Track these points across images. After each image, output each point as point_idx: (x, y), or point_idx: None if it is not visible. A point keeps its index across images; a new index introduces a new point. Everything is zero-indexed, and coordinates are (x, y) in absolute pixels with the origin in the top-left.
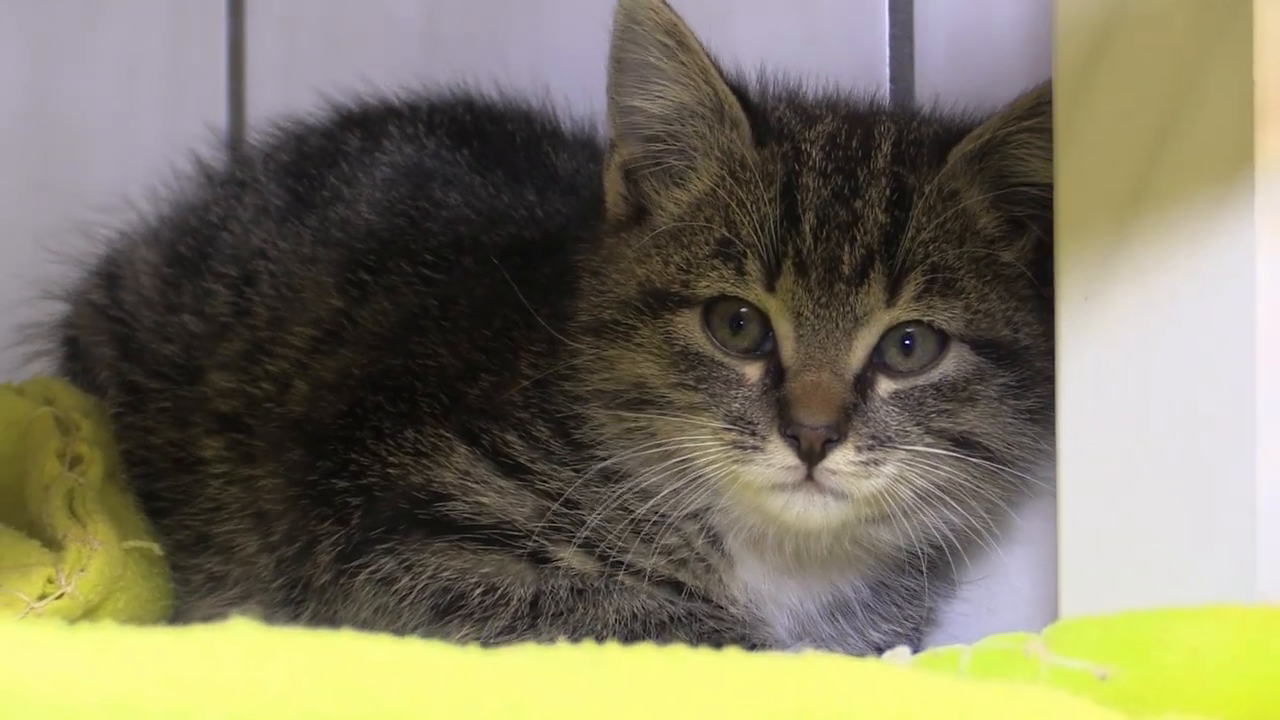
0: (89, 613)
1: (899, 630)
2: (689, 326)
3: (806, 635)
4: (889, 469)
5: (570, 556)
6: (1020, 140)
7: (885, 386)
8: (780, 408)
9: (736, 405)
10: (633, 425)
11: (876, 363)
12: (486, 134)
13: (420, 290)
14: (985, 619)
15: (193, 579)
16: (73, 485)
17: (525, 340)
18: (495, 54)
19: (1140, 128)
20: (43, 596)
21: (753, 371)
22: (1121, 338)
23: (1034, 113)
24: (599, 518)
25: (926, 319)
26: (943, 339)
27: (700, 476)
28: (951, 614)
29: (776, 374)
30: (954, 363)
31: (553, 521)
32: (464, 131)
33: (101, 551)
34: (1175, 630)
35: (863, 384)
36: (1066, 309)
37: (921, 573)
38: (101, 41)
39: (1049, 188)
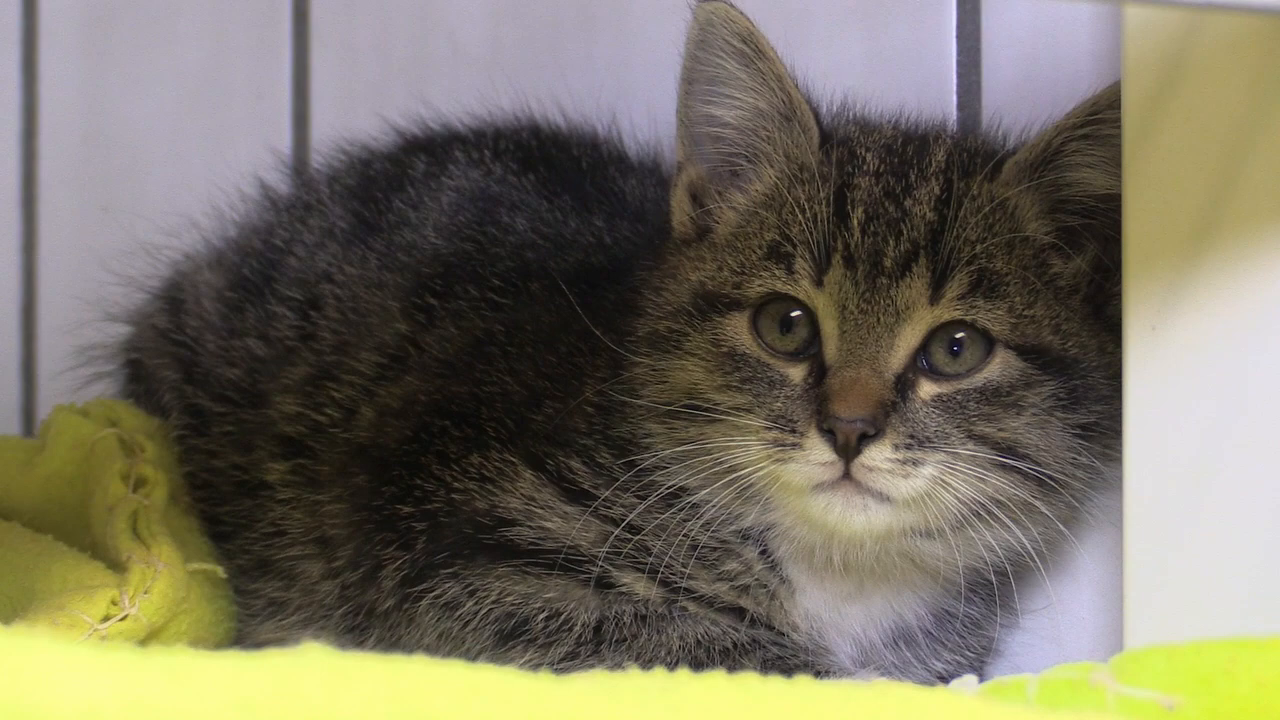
0: (152, 635)
1: (961, 660)
2: (737, 328)
3: (870, 663)
4: (928, 470)
5: (633, 582)
6: (1075, 149)
7: (927, 389)
8: (819, 403)
9: (779, 405)
10: (683, 435)
11: (921, 366)
12: (552, 160)
13: (487, 315)
14: (1049, 649)
15: (253, 604)
16: (137, 507)
17: (590, 366)
18: (559, 78)
19: (1209, 158)
20: (106, 618)
21: (796, 372)
22: (1189, 368)
23: (1089, 121)
24: (660, 543)
25: (970, 319)
26: (989, 343)
27: (745, 481)
28: (1014, 643)
29: (819, 373)
30: (999, 367)
31: (616, 547)
32: (530, 157)
33: (165, 573)
34: (1242, 660)
35: (903, 384)
36: (1134, 338)
37: (983, 600)
38: (165, 64)
39: (1106, 198)
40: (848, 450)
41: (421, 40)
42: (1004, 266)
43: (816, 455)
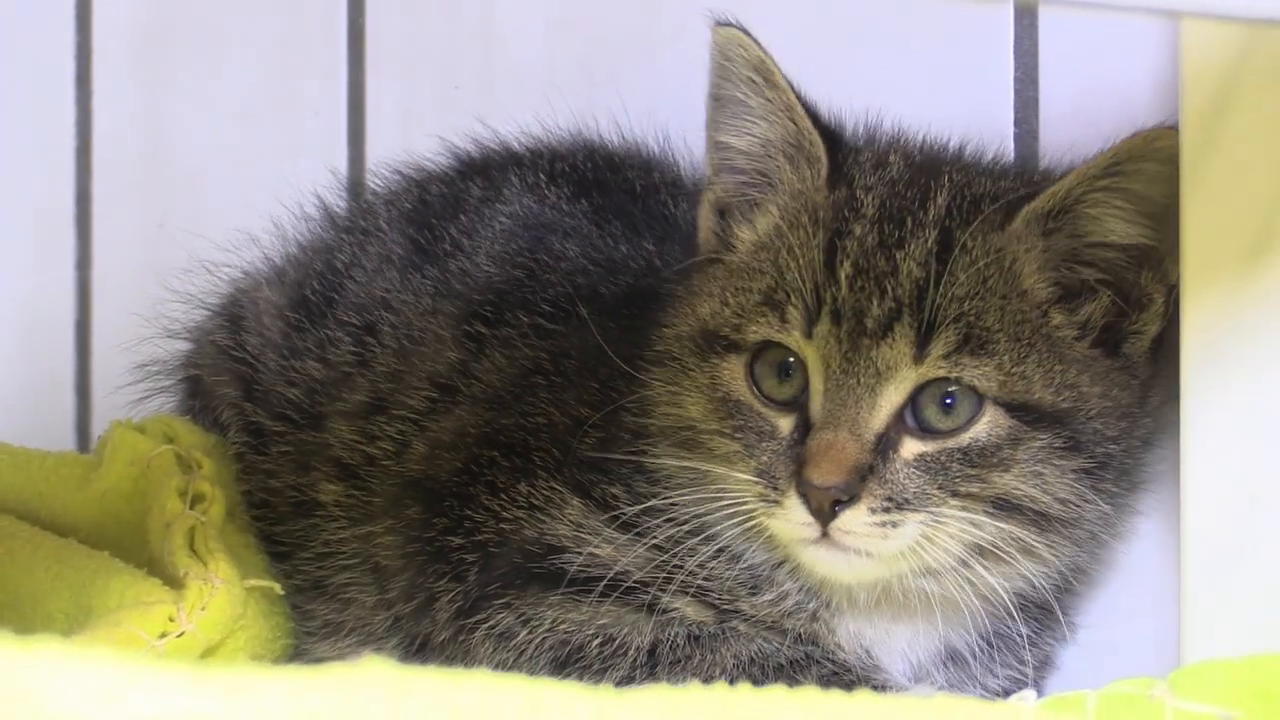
0: (209, 651)
1: (1016, 677)
2: (734, 373)
3: (923, 681)
4: (908, 530)
5: (684, 606)
6: (1094, 200)
7: (910, 448)
8: (798, 464)
9: (765, 458)
10: (688, 463)
11: (907, 423)
12: (606, 184)
13: (534, 343)
14: (1105, 663)
15: (309, 624)
16: (194, 523)
17: (629, 393)
18: (616, 97)
19: (1268, 173)
20: (163, 635)
21: (785, 424)
22: (1247, 383)
23: (1109, 172)
24: (700, 568)
25: (955, 375)
26: (979, 401)
27: (743, 524)
28: (1072, 659)
29: (804, 428)
30: (985, 428)
31: (664, 572)
32: (584, 181)
33: (223, 590)
34: None
35: (886, 444)
36: (1190, 354)
37: (1034, 620)
38: (222, 81)
39: (1126, 249)
40: (822, 514)
41: (477, 58)
42: (995, 322)
43: (795, 516)
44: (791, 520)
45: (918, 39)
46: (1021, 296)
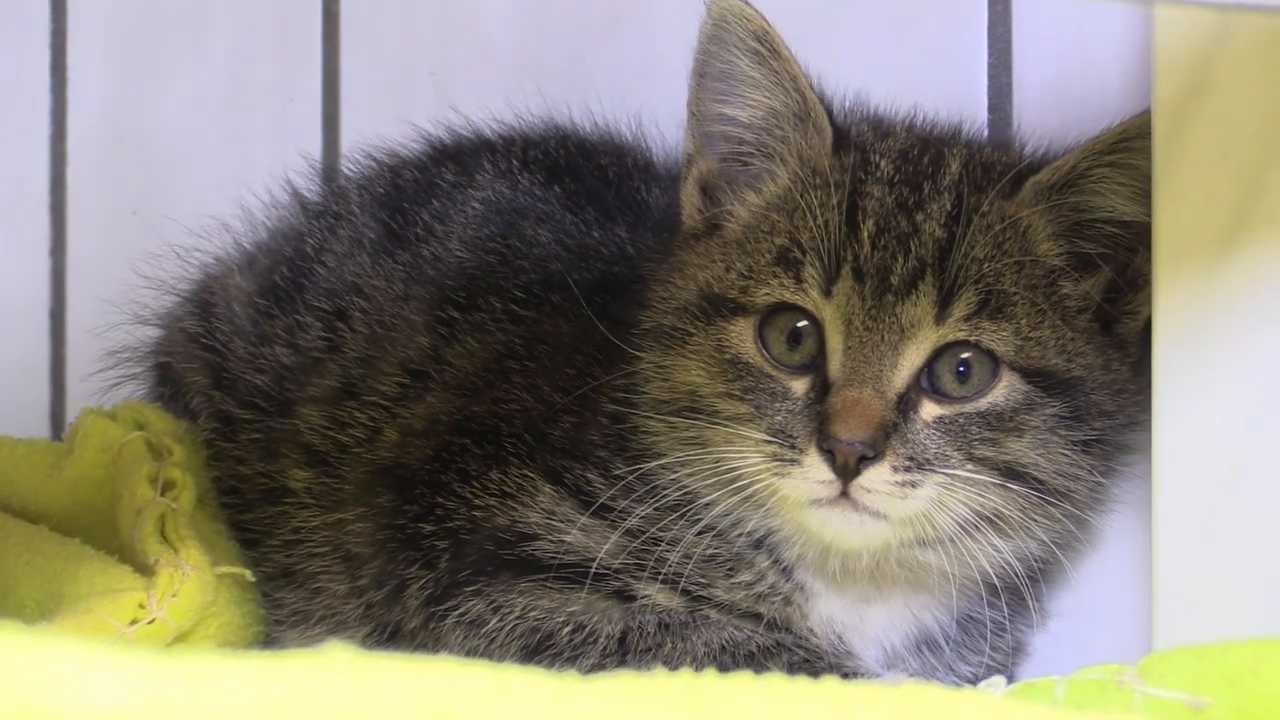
0: (180, 639)
1: (989, 663)
2: (742, 335)
3: (895, 667)
4: (926, 491)
5: (655, 593)
6: (1100, 175)
7: (929, 410)
8: (820, 422)
9: (780, 418)
10: (685, 435)
11: (924, 386)
12: (578, 170)
13: (507, 329)
14: (1077, 650)
15: (278, 612)
16: (165, 510)
17: (604, 376)
18: (588, 82)
19: (1239, 160)
20: (134, 622)
21: (799, 386)
22: (1218, 370)
23: (1117, 148)
24: (676, 553)
25: (974, 339)
26: (995, 366)
27: (746, 489)
28: (1042, 645)
29: (821, 388)
30: (1004, 392)
31: (636, 558)
32: (556, 167)
33: (193, 577)
34: (1270, 660)
35: (906, 404)
36: (1163, 340)
37: (1007, 604)
38: (195, 67)
39: (1127, 225)
40: (846, 471)
41: (452, 41)
42: (1012, 287)
43: (815, 474)
44: (809, 479)
45: (891, 23)
46: (1035, 263)
